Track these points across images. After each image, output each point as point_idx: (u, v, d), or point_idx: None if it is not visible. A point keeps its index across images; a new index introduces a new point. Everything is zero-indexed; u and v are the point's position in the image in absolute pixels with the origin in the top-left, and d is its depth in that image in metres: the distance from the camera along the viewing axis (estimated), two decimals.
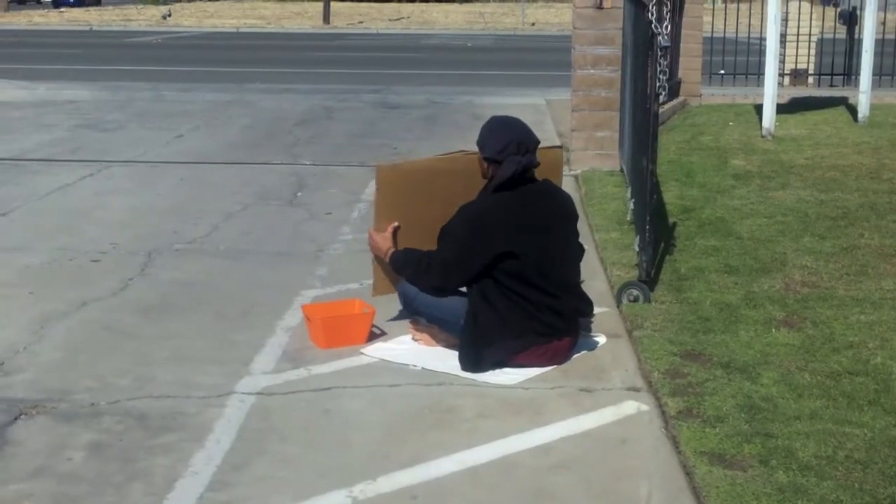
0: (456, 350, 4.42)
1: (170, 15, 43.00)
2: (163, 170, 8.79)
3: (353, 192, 7.80)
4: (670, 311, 4.84)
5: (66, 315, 4.97)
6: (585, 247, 6.16)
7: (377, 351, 4.49)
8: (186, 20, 41.40)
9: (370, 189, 7.86)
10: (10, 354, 4.44)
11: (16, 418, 3.80)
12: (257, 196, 7.72)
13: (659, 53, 5.11)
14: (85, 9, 52.76)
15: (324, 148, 9.89)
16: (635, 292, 4.99)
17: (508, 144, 4.24)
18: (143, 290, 5.39)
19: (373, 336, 4.63)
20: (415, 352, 4.47)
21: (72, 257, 5.98)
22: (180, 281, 5.56)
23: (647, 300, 4.97)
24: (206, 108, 12.78)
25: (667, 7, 5.21)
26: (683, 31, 11.93)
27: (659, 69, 5.14)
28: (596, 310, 5.01)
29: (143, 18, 42.20)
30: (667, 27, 5.18)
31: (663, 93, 5.31)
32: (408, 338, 4.60)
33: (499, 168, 4.26)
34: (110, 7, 57.13)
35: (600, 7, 8.31)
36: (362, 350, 4.50)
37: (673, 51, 10.92)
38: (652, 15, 5.22)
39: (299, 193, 7.81)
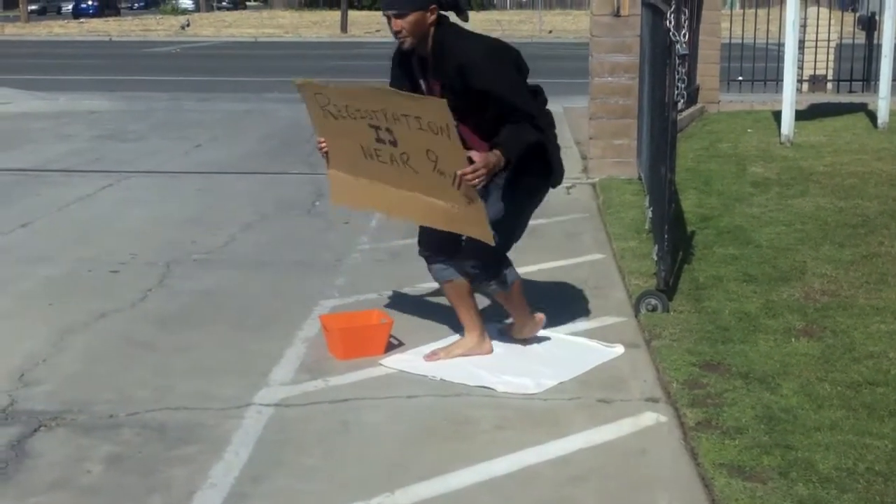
0: (474, 357, 4.43)
1: (188, 25, 43.25)
2: (182, 180, 8.83)
3: None
4: (689, 321, 4.82)
5: (86, 326, 4.99)
6: (604, 255, 6.20)
7: (395, 362, 4.49)
8: (205, 30, 41.64)
9: None
10: (30, 366, 4.46)
11: (35, 430, 3.82)
12: (275, 206, 7.74)
13: (677, 61, 5.10)
14: (104, 19, 53.16)
15: None
16: (654, 301, 4.97)
17: None
18: (162, 301, 5.41)
19: (391, 346, 4.63)
20: (433, 362, 4.46)
21: (91, 268, 6.01)
22: (199, 291, 5.58)
23: (666, 310, 4.95)
24: (225, 118, 12.84)
25: (685, 15, 5.20)
26: (701, 38, 11.91)
27: (677, 77, 5.13)
28: (614, 319, 5.03)
29: (162, 29, 42.47)
30: (685, 35, 5.17)
31: (682, 101, 5.30)
32: (426, 349, 4.58)
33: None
34: (129, 17, 57.52)
35: (618, 15, 8.30)
36: (380, 361, 4.49)
37: (691, 57, 10.90)
38: (670, 23, 5.21)
39: (317, 203, 7.83)
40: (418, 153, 4.13)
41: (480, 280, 4.40)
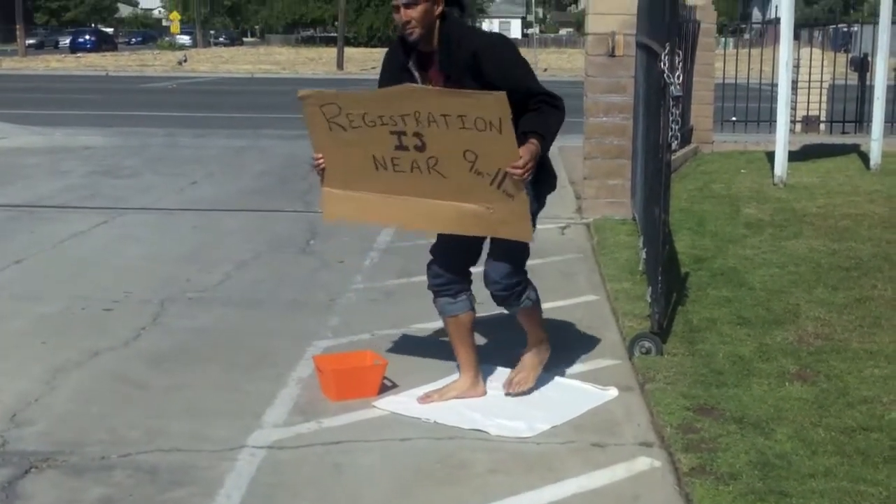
0: (468, 400, 4.42)
1: (186, 60, 43.45)
2: (177, 217, 8.84)
3: (365, 239, 7.81)
4: (683, 364, 4.81)
5: (79, 365, 4.97)
6: (598, 297, 6.21)
7: (389, 404, 4.47)
8: (202, 65, 41.83)
9: (382, 237, 7.90)
10: (22, 406, 4.44)
11: (26, 472, 3.79)
12: (270, 244, 7.74)
13: (671, 103, 5.14)
14: (101, 54, 53.35)
15: None
16: (647, 344, 4.97)
17: None
18: (156, 340, 5.39)
19: (384, 388, 4.61)
20: (426, 405, 4.45)
21: (85, 306, 5.99)
22: (193, 330, 5.57)
23: (660, 352, 4.95)
24: (221, 154, 12.87)
25: (679, 57, 5.24)
26: (695, 79, 11.98)
27: (671, 119, 5.16)
28: (608, 362, 5.03)
29: (160, 64, 42.66)
30: (679, 77, 5.20)
31: (675, 143, 5.33)
32: (419, 391, 4.57)
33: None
34: (126, 52, 57.76)
35: (612, 55, 8.35)
36: (374, 403, 4.48)
37: (685, 98, 10.97)
38: (664, 65, 5.24)
39: (312, 241, 7.84)
40: (452, 156, 4.05)
41: (513, 294, 4.37)
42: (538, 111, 4.10)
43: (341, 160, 4.33)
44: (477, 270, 4.49)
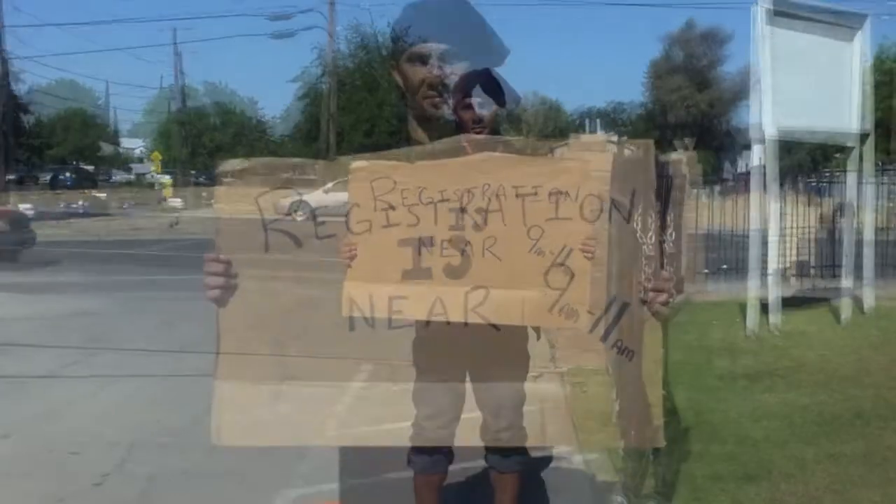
0: None
1: (177, 223, 43.52)
2: (153, 357, 8.77)
3: (336, 385, 7.76)
4: None
5: None
6: (570, 448, 6.16)
7: None
8: (194, 226, 41.92)
9: (354, 383, 7.85)
10: None
11: None
12: None
13: (643, 262, 5.22)
14: (81, 191, 53.60)
15: None
16: (620, 500, 4.93)
17: None
18: (121, 487, 5.29)
19: None
20: None
21: (51, 448, 5.90)
22: (159, 477, 5.47)
23: None
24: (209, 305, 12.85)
25: (651, 218, 5.35)
26: (669, 231, 12.18)
27: (644, 277, 5.23)
28: None
29: (150, 228, 42.72)
30: (651, 237, 5.30)
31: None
32: None
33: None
34: (107, 189, 58.08)
35: None
36: None
37: (657, 249, 11.13)
38: (637, 225, 5.34)
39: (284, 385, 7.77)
40: (514, 234, 3.73)
41: (521, 430, 4.21)
42: None
43: (376, 246, 3.76)
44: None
